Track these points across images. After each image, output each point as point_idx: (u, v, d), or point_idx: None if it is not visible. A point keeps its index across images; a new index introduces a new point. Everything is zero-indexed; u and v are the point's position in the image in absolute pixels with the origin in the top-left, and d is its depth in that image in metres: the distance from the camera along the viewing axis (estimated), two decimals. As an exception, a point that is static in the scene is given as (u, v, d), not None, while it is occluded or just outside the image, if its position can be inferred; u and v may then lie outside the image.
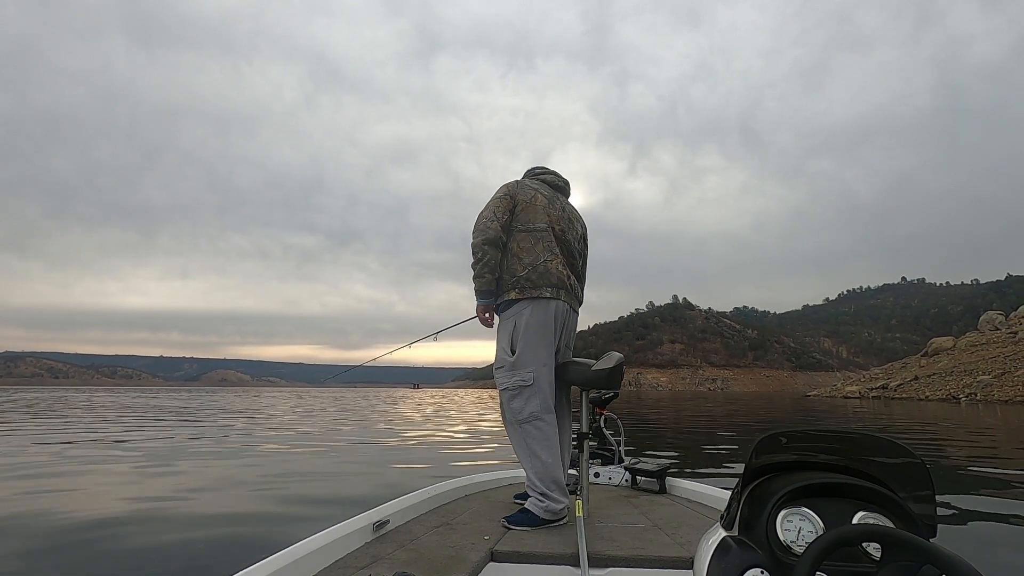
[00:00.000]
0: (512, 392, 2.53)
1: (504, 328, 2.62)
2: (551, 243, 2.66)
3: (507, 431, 2.64)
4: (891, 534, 0.94)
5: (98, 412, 19.35)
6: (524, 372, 2.52)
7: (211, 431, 11.86)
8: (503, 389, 2.57)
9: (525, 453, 2.53)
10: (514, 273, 2.60)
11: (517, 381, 2.52)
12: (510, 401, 2.55)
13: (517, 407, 2.53)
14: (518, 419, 2.53)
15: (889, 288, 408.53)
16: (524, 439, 2.52)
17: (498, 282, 2.64)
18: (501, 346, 2.61)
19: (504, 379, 2.56)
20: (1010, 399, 45.25)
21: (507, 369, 2.55)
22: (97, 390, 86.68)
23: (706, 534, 1.30)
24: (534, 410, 2.52)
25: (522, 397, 2.52)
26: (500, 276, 2.64)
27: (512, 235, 2.65)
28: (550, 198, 2.76)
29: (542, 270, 2.60)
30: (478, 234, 2.61)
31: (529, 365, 2.53)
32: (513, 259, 2.62)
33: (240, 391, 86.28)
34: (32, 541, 3.58)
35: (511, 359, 2.55)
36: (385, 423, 14.90)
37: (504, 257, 2.64)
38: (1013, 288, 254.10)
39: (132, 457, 7.62)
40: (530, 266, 2.59)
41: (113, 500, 4.78)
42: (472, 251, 2.64)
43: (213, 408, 23.15)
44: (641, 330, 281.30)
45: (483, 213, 2.66)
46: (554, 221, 2.70)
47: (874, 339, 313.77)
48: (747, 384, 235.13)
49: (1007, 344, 66.17)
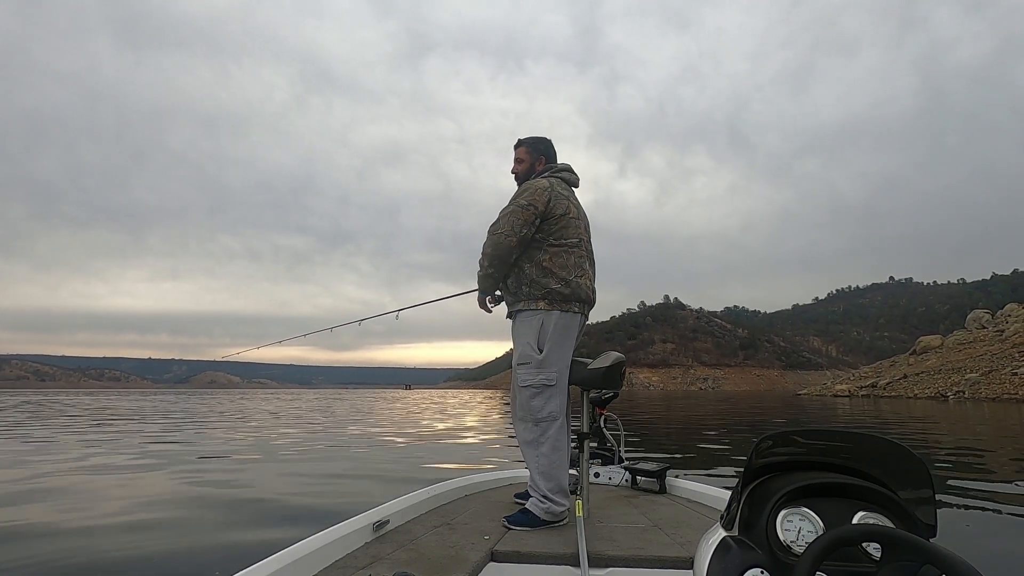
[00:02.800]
0: (535, 390, 2.52)
1: (529, 324, 2.58)
2: (582, 258, 2.67)
3: (517, 428, 2.62)
4: (891, 534, 0.95)
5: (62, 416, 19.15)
6: (549, 371, 2.53)
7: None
8: (526, 386, 2.54)
9: (534, 452, 2.52)
10: (546, 286, 2.58)
11: (542, 379, 2.52)
12: (531, 399, 2.53)
13: (538, 405, 2.52)
14: (536, 417, 2.52)
15: (877, 287, 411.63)
16: (537, 438, 2.52)
17: (523, 291, 2.61)
18: (526, 341, 2.57)
19: (529, 376, 2.53)
20: (997, 396, 45.73)
21: (533, 366, 2.53)
22: (82, 392, 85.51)
23: (706, 534, 1.31)
24: (553, 410, 2.53)
25: (544, 396, 2.52)
26: (525, 287, 2.61)
27: (543, 249, 2.61)
28: (577, 206, 2.77)
29: (575, 286, 2.61)
30: (492, 247, 2.58)
31: (554, 365, 2.54)
32: (545, 273, 2.59)
33: (228, 393, 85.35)
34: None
35: (539, 357, 2.54)
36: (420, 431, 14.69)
37: (532, 268, 2.60)
38: (998, 287, 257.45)
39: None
40: (563, 281, 2.60)
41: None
42: (481, 259, 2.62)
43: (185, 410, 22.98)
44: (633, 330, 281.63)
45: (502, 222, 2.58)
46: (582, 232, 2.73)
47: (863, 338, 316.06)
48: (738, 383, 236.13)
49: (994, 342, 66.91)
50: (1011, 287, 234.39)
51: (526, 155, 2.87)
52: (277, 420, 16.82)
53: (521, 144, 2.90)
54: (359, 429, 13.27)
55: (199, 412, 21.49)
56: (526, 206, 2.57)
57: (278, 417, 18.29)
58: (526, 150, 2.88)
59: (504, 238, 2.55)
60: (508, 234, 2.54)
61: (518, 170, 2.88)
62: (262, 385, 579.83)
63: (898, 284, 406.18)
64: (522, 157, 2.87)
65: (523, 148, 2.88)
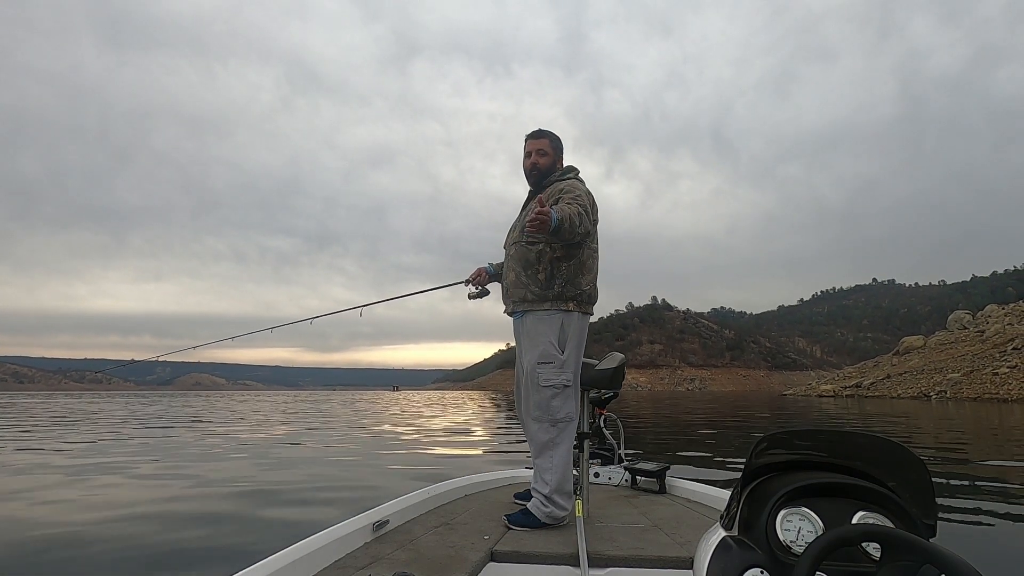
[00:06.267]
0: (556, 390, 2.50)
1: (549, 324, 2.55)
2: (597, 262, 2.69)
3: (531, 428, 2.58)
4: (891, 534, 0.96)
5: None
6: (568, 372, 2.53)
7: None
8: (548, 386, 2.50)
9: (546, 453, 2.51)
10: (579, 286, 2.57)
11: (563, 380, 2.51)
12: (552, 399, 2.50)
13: (557, 405, 2.51)
14: (555, 418, 2.50)
15: (861, 289, 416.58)
16: (554, 439, 2.50)
17: (554, 290, 2.55)
18: (548, 340, 2.53)
19: (551, 376, 2.50)
20: (978, 396, 46.55)
21: (556, 366, 2.51)
22: (60, 395, 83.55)
23: (706, 534, 1.32)
24: (570, 411, 2.53)
25: (562, 396, 2.52)
26: (558, 286, 2.54)
27: (583, 248, 2.58)
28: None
29: (595, 291, 2.64)
30: (582, 226, 2.40)
31: (572, 366, 2.55)
32: (582, 271, 2.58)
33: (215, 395, 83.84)
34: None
35: (561, 357, 2.52)
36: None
37: (571, 267, 2.55)
38: (978, 289, 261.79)
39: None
40: (591, 284, 2.61)
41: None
42: (575, 219, 2.36)
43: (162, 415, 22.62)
44: (621, 331, 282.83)
45: (581, 200, 2.46)
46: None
47: (847, 339, 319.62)
48: (725, 384, 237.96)
49: (975, 343, 68.13)
50: (990, 289, 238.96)
51: (551, 149, 2.72)
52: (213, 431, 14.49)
53: (544, 135, 2.73)
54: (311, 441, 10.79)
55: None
56: (591, 206, 2.56)
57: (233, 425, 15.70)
58: (550, 143, 2.73)
59: (584, 217, 2.43)
60: (585, 215, 2.44)
61: (541, 163, 2.70)
62: (247, 387, 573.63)
63: (881, 286, 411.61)
64: (547, 150, 2.71)
65: (547, 140, 2.72)
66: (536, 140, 2.73)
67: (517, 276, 2.61)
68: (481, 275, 2.93)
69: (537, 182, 2.73)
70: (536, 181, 2.73)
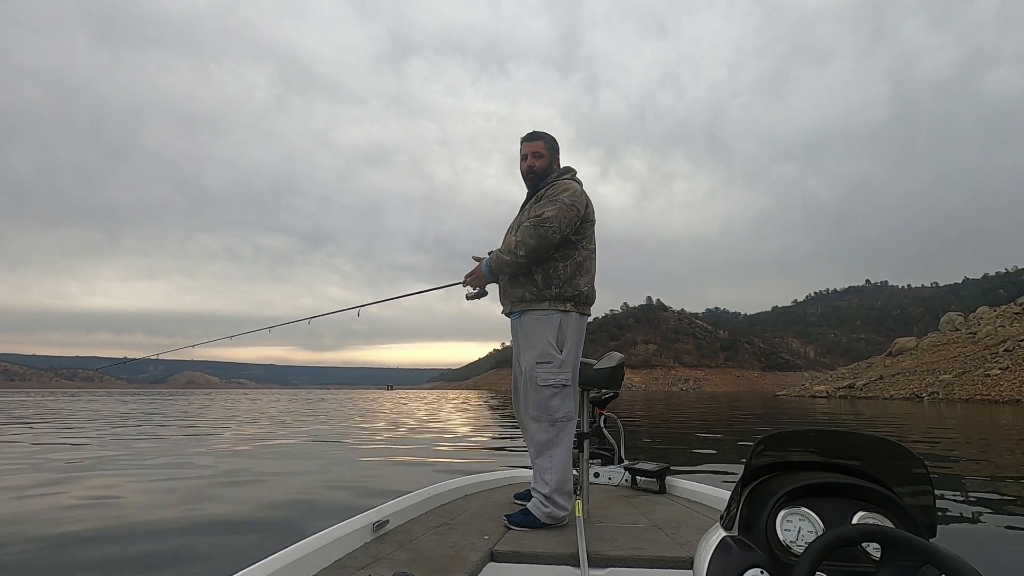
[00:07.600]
0: (555, 389, 2.52)
1: (548, 323, 2.56)
2: (594, 263, 2.70)
3: (530, 428, 2.58)
4: (891, 534, 0.96)
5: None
6: (567, 372, 2.54)
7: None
8: (547, 385, 2.51)
9: (545, 452, 2.52)
10: (577, 287, 2.58)
11: (562, 379, 2.53)
12: (551, 398, 2.51)
13: (556, 405, 2.52)
14: (554, 417, 2.52)
15: (854, 290, 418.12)
16: (553, 438, 2.51)
17: (551, 291, 2.56)
18: (547, 340, 2.54)
19: (550, 375, 2.51)
20: (970, 397, 46.83)
21: (555, 366, 2.53)
22: (49, 393, 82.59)
23: (706, 534, 1.32)
24: (569, 410, 2.55)
25: (561, 396, 2.53)
26: (555, 287, 2.56)
27: (579, 248, 2.61)
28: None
29: (592, 290, 2.66)
30: (536, 239, 2.48)
31: (571, 366, 2.57)
32: (579, 272, 2.60)
33: (185, 394, 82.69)
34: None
35: (560, 357, 2.54)
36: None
37: (567, 268, 2.58)
38: (969, 290, 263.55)
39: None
40: (588, 285, 2.63)
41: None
42: (516, 247, 2.50)
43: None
44: (615, 331, 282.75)
45: (552, 215, 2.49)
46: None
47: (840, 339, 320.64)
48: (719, 384, 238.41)
49: (967, 344, 68.52)
50: (982, 290, 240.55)
51: (546, 150, 2.73)
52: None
53: (539, 137, 2.74)
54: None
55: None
56: (571, 206, 2.53)
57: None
58: (545, 145, 2.73)
59: (552, 233, 2.48)
60: (556, 231, 2.49)
61: (537, 165, 2.71)
62: (241, 385, 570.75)
63: (874, 287, 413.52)
64: (542, 152, 2.72)
65: (542, 142, 2.73)
66: (531, 142, 2.74)
67: (515, 276, 2.63)
68: (479, 267, 2.89)
69: (534, 184, 2.74)
70: (533, 183, 2.74)
